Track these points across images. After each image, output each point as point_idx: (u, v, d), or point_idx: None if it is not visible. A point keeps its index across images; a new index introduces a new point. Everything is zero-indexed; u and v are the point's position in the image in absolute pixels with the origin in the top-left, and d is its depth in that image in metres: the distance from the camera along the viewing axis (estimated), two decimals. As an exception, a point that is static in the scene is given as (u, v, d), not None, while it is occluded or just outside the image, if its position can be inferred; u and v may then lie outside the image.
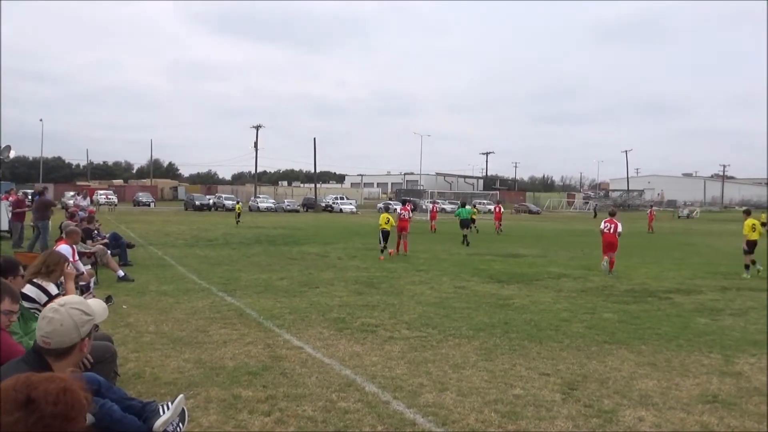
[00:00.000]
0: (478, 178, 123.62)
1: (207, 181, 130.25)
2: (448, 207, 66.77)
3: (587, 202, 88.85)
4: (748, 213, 14.87)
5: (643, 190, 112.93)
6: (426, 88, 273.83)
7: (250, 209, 58.64)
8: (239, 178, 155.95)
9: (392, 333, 7.23)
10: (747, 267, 13.68)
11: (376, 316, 8.20)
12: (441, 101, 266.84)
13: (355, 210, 61.08)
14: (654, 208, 42.60)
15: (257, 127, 78.85)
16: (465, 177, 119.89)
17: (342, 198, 67.84)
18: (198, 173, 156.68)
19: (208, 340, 6.73)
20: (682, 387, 5.38)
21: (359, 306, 8.95)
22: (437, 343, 6.77)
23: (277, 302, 9.15)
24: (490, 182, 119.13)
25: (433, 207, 36.40)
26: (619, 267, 14.83)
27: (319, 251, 17.76)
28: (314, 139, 70.56)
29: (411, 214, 18.92)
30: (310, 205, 65.48)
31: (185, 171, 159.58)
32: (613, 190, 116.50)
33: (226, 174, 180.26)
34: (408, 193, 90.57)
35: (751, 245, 13.78)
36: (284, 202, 63.73)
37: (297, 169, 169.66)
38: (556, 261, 16.31)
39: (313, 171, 74.96)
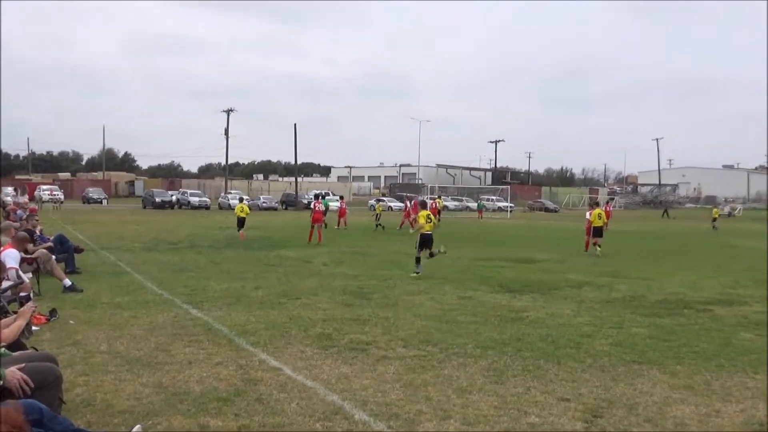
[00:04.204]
0: (485, 170, 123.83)
1: (169, 174, 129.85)
2: (451, 204, 66.94)
3: (613, 198, 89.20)
4: (597, 204, 22.54)
5: (677, 185, 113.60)
6: (426, 67, 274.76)
7: (220, 207, 58.49)
8: (207, 171, 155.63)
9: (386, 351, 7.22)
10: (595, 244, 19.85)
11: (368, 332, 8.18)
12: (443, 82, 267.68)
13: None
14: (611, 204, 43.30)
15: (228, 111, 78.64)
16: (470, 169, 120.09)
17: (328, 194, 67.78)
18: (159, 165, 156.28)
19: (170, 360, 6.70)
20: (723, 413, 5.40)
21: (347, 320, 8.93)
22: (438, 363, 6.76)
23: (252, 316, 9.12)
24: (500, 175, 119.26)
25: (433, 203, 36.50)
26: (651, 274, 14.91)
27: (300, 256, 17.72)
28: (294, 125, 70.50)
29: (323, 207, 23.75)
30: (290, 203, 65.38)
31: (143, 162, 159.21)
32: (643, 185, 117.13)
33: (191, 166, 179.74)
34: (404, 187, 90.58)
35: (597, 230, 20.00)
36: (260, 198, 63.61)
37: (275, 160, 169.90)
38: (576, 267, 16.36)
39: (293, 162, 74.88)
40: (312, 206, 23.97)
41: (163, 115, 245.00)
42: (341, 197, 37.36)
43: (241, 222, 24.24)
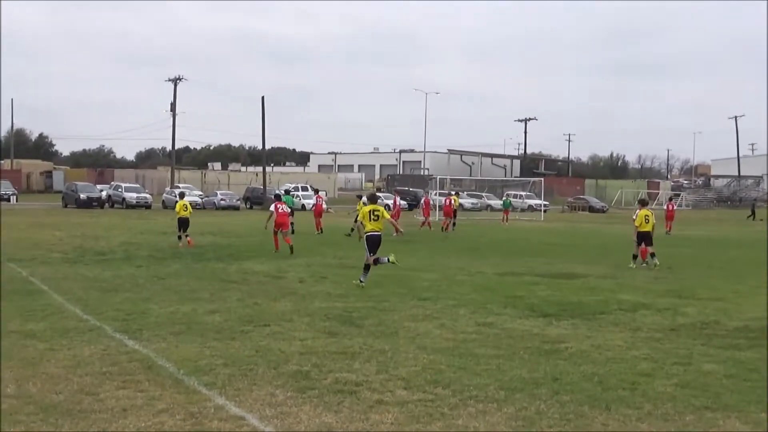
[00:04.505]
0: (512, 157, 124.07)
1: (98, 163, 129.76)
2: (467, 202, 66.98)
3: (678, 194, 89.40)
4: (644, 203, 21.78)
5: (761, 177, 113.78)
6: (434, 23, 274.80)
7: (165, 205, 58.40)
8: (148, 159, 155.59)
9: (382, 395, 7.22)
10: (635, 257, 20.26)
11: (358, 369, 8.18)
12: (457, 43, 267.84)
13: (324, 206, 61.04)
14: (673, 201, 43.27)
15: (176, 81, 78.63)
16: (492, 156, 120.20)
17: (305, 188, 67.83)
18: (84, 151, 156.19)
19: (98, 407, 6.68)
20: (822, 475, 5.40)
21: (331, 354, 8.93)
22: (450, 411, 6.77)
23: (206, 348, 9.11)
24: (531, 164, 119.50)
25: (447, 201, 36.74)
26: (727, 293, 14.92)
27: (270, 270, 17.73)
28: (262, 98, 70.46)
29: (287, 208, 24.80)
30: (256, 200, 65.33)
31: (64, 147, 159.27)
32: (717, 177, 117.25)
33: (127, 152, 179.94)
34: (405, 180, 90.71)
35: (644, 237, 20.13)
36: (216, 194, 63.61)
37: (236, 144, 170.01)
38: (630, 284, 16.39)
39: (260, 147, 74.88)
40: (272, 208, 24.12)
41: (90, 86, 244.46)
42: (317, 191, 37.24)
43: (182, 223, 24.31)
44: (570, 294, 14.60)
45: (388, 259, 15.20)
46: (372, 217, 15.30)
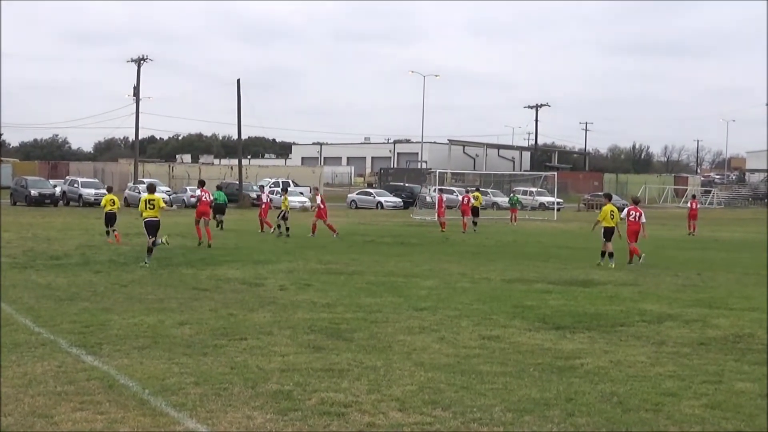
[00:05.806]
0: (521, 149, 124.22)
1: (51, 155, 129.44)
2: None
3: (710, 191, 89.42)
4: (609, 197, 24.33)
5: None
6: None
7: (127, 202, 58.25)
8: (108, 150, 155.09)
9: (374, 417, 7.22)
10: (603, 254, 22.26)
11: (346, 389, 8.18)
12: (458, 19, 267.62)
13: (308, 204, 60.96)
14: (695, 198, 43.36)
15: (139, 61, 78.40)
16: (499, 147, 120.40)
17: (287, 184, 67.72)
18: (35, 141, 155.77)
19: (52, 430, 6.68)
20: None
21: (316, 371, 8.93)
22: (451, 435, 6.76)
23: (174, 365, 9.10)
24: (543, 157, 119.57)
25: (465, 199, 37.19)
26: (764, 303, 14.94)
27: (246, 276, 17.75)
28: (238, 81, 70.37)
29: (209, 197, 28.33)
30: (231, 197, 64.94)
31: (12, 137, 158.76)
32: (752, 171, 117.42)
33: (84, 142, 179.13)
34: (400, 174, 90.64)
35: (608, 233, 22.16)
36: (185, 190, 63.44)
37: (208, 133, 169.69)
38: (654, 292, 16.42)
39: (236, 136, 74.71)
40: (198, 196, 26.96)
41: (42, 66, 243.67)
42: (262, 187, 39.21)
43: (109, 219, 27.10)
44: (586, 303, 14.64)
45: (162, 240, 20.27)
46: (148, 206, 20.20)
